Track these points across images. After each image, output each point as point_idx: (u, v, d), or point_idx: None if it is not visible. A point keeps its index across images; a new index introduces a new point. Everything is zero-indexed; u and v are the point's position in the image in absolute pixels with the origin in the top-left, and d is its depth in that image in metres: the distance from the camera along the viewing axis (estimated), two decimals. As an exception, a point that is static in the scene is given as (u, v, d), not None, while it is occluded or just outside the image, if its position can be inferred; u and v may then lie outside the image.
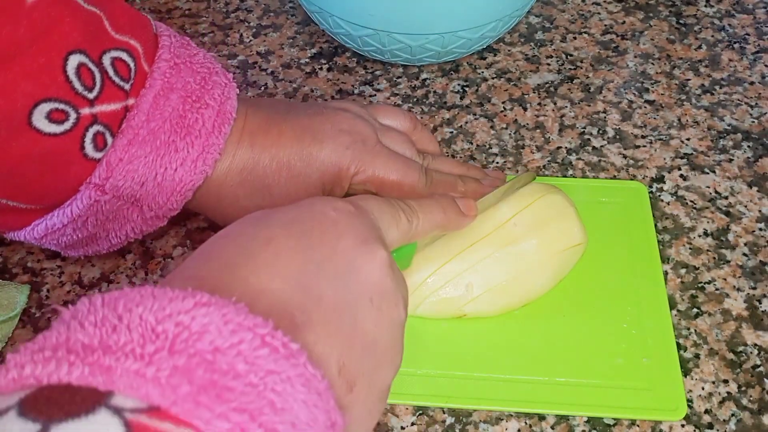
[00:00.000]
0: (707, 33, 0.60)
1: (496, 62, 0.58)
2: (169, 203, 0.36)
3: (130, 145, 0.34)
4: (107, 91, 0.33)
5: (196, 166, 0.36)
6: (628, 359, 0.41)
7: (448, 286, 0.41)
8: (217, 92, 0.37)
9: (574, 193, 0.48)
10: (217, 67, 0.38)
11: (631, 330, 0.42)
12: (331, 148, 0.39)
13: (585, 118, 0.54)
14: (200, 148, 0.36)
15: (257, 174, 0.38)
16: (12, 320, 0.43)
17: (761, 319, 0.43)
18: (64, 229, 0.36)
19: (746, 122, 0.54)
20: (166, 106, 0.35)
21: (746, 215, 0.48)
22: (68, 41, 0.31)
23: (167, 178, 0.35)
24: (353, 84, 0.56)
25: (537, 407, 0.39)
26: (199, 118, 0.36)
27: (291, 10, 0.62)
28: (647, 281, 0.44)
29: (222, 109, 0.36)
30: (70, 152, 0.32)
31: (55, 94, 0.31)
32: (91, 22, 0.32)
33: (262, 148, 0.38)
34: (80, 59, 0.31)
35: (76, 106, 0.31)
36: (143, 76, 0.35)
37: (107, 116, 0.33)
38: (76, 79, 0.31)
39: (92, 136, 0.33)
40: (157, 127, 0.34)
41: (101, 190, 0.34)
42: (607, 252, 0.44)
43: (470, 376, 0.40)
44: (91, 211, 0.35)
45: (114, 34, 0.34)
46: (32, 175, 0.32)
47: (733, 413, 0.40)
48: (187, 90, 0.36)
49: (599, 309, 0.43)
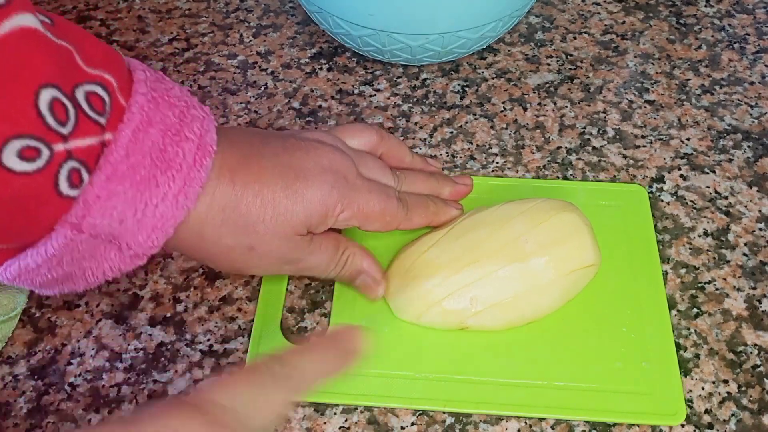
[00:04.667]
0: (707, 33, 0.60)
1: (496, 62, 0.58)
2: (149, 241, 0.35)
3: (109, 181, 0.33)
4: (82, 125, 0.31)
5: (177, 201, 0.35)
6: (627, 363, 0.41)
7: (452, 298, 0.41)
8: (196, 125, 0.36)
9: (574, 196, 0.48)
10: (194, 100, 0.37)
11: (630, 334, 0.42)
12: (317, 187, 0.38)
13: (585, 118, 0.54)
14: (181, 182, 0.35)
15: (241, 212, 0.37)
16: (12, 320, 0.43)
17: (761, 319, 0.43)
18: (38, 269, 0.34)
19: (746, 122, 0.54)
20: (145, 140, 0.34)
21: (746, 215, 0.48)
22: (39, 75, 0.30)
23: (148, 215, 0.34)
24: (353, 84, 0.56)
25: (536, 411, 0.39)
26: (179, 151, 0.35)
27: (291, 10, 0.62)
28: (647, 285, 0.44)
29: (202, 142, 0.36)
30: (43, 190, 0.31)
31: (27, 130, 0.29)
32: (62, 56, 0.31)
33: (243, 185, 0.37)
34: (53, 93, 0.30)
35: (49, 143, 0.30)
36: (120, 110, 0.34)
37: (82, 152, 0.32)
38: (49, 114, 0.30)
39: (67, 173, 0.31)
40: (137, 162, 0.33)
41: (77, 229, 0.33)
42: (607, 255, 0.44)
43: (469, 380, 0.40)
44: (66, 249, 0.34)
45: (86, 68, 0.32)
46: (4, 215, 0.31)
47: (733, 413, 0.40)
48: (166, 123, 0.35)
49: (599, 313, 0.43)
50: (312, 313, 0.44)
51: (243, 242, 0.38)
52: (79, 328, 0.43)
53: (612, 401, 0.39)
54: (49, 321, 0.44)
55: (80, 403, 0.41)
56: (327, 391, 0.40)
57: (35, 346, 0.43)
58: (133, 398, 0.41)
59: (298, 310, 0.44)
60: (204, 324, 0.44)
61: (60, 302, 0.44)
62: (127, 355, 0.42)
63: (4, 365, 0.42)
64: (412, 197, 0.43)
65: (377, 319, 0.43)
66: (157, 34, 0.60)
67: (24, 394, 0.41)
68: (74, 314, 0.44)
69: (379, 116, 0.54)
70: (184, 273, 0.46)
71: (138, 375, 0.42)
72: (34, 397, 0.41)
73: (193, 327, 0.43)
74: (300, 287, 0.45)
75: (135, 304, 0.44)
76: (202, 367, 0.42)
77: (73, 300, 0.45)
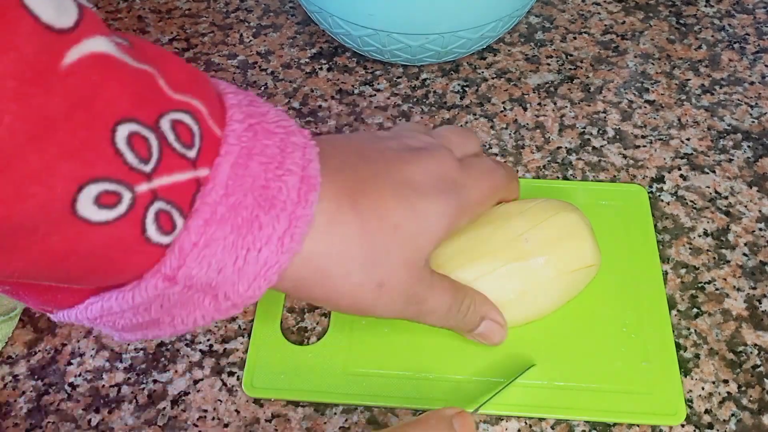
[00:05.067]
0: (707, 33, 0.60)
1: (496, 62, 0.58)
2: (251, 290, 0.30)
3: (208, 226, 0.28)
4: (167, 160, 0.27)
5: (282, 244, 0.30)
6: (627, 363, 0.41)
7: None
8: (297, 155, 0.31)
9: (574, 196, 0.48)
10: (292, 124, 0.32)
11: (630, 334, 0.42)
12: (436, 201, 0.35)
13: (585, 118, 0.54)
14: (287, 222, 0.30)
15: (368, 242, 0.33)
16: (12, 320, 0.43)
17: (761, 319, 0.43)
18: (123, 314, 0.30)
19: (746, 122, 0.54)
20: (246, 176, 0.29)
21: (746, 215, 0.48)
22: (115, 109, 0.25)
23: (250, 262, 0.29)
24: (353, 84, 0.56)
25: (536, 411, 0.39)
26: (282, 186, 0.30)
27: (291, 10, 0.62)
28: (647, 285, 0.44)
29: (305, 174, 0.31)
30: (129, 239, 0.27)
31: (103, 173, 0.25)
32: (142, 82, 0.27)
33: (368, 212, 0.33)
34: (131, 128, 0.26)
35: (130, 184, 0.26)
36: (214, 142, 0.29)
37: (170, 191, 0.27)
38: (128, 151, 0.25)
39: (154, 217, 0.27)
40: (238, 202, 0.29)
41: (171, 281, 0.29)
42: (607, 255, 0.44)
43: (469, 379, 0.40)
44: (157, 300, 0.30)
45: (171, 93, 0.28)
46: (84, 269, 0.27)
47: (733, 413, 0.40)
48: (267, 155, 0.30)
49: (599, 312, 0.43)
50: (312, 313, 0.44)
51: (372, 278, 0.34)
52: (79, 328, 0.43)
53: (612, 401, 0.39)
54: (49, 321, 0.44)
55: (80, 403, 0.41)
56: (327, 391, 0.40)
57: (35, 346, 0.43)
58: (133, 398, 0.41)
59: (298, 310, 0.44)
60: (204, 324, 0.44)
61: (60, 302, 0.44)
62: (127, 355, 0.42)
63: (4, 365, 0.42)
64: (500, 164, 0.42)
65: (377, 319, 0.43)
66: (157, 34, 0.60)
67: (24, 394, 0.41)
68: (74, 314, 0.44)
69: (379, 116, 0.54)
70: (184, 273, 0.46)
71: (138, 375, 0.42)
72: (34, 397, 0.41)
73: (193, 327, 0.43)
74: (300, 287, 0.45)
75: (135, 304, 0.44)
76: (202, 367, 0.42)
77: (73, 300, 0.45)
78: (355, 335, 0.42)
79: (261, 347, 0.42)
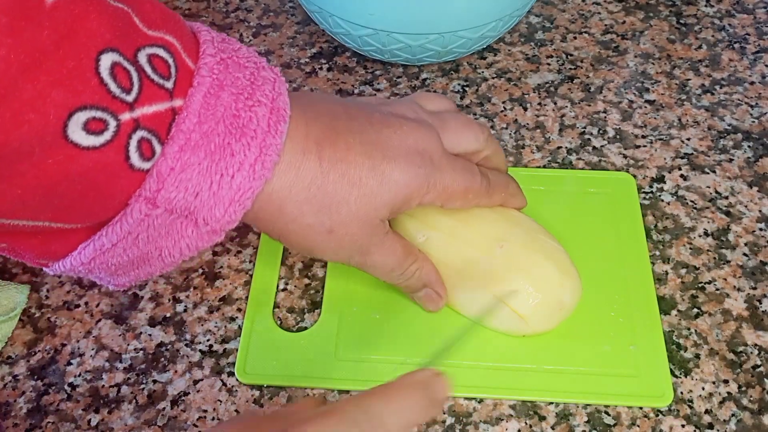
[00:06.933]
0: (707, 33, 0.60)
1: (497, 62, 0.58)
2: (227, 215, 0.33)
3: (182, 152, 0.31)
4: (147, 91, 0.30)
5: (254, 171, 0.32)
6: (615, 346, 0.41)
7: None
8: (267, 88, 0.34)
9: (563, 184, 0.49)
10: (262, 61, 0.35)
11: (618, 318, 0.43)
12: (404, 169, 0.37)
13: (585, 118, 0.54)
14: (257, 150, 0.32)
15: (327, 191, 0.35)
16: (12, 320, 0.43)
17: (761, 319, 0.43)
18: (114, 249, 0.33)
19: (746, 122, 0.54)
20: (218, 105, 0.32)
21: (746, 215, 0.48)
22: (98, 40, 0.28)
23: (224, 187, 0.32)
24: (353, 84, 0.56)
25: (525, 394, 0.40)
26: (253, 116, 0.33)
27: (291, 10, 0.62)
28: (634, 270, 0.45)
29: (275, 106, 0.34)
30: (114, 165, 0.29)
31: (90, 101, 0.28)
32: (119, 18, 0.29)
33: (330, 163, 0.35)
34: (113, 58, 0.28)
35: (115, 112, 0.28)
36: (188, 74, 0.32)
37: (150, 120, 0.30)
38: (112, 81, 0.28)
39: (137, 144, 0.30)
40: (210, 130, 0.31)
41: (152, 204, 0.31)
42: (595, 241, 0.45)
43: (459, 364, 0.41)
44: (142, 226, 0.32)
45: (146, 30, 0.30)
46: (74, 194, 0.30)
47: (734, 413, 0.40)
48: (237, 87, 0.33)
49: (587, 297, 0.43)
50: (312, 313, 0.44)
51: (324, 223, 0.36)
52: (79, 329, 0.43)
53: (600, 384, 0.40)
54: (49, 321, 0.44)
55: (80, 403, 0.41)
56: (319, 377, 0.41)
57: (35, 346, 0.43)
58: (133, 398, 0.41)
59: (298, 310, 0.44)
60: (204, 324, 0.44)
61: (60, 302, 0.44)
62: (126, 355, 0.42)
63: (4, 365, 0.42)
64: (493, 174, 0.42)
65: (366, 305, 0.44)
66: (157, 33, 0.60)
67: (24, 394, 0.41)
68: (74, 314, 0.44)
69: (379, 116, 0.54)
70: (184, 273, 0.46)
71: (138, 375, 0.42)
72: (34, 397, 0.41)
73: (193, 327, 0.43)
74: (300, 287, 0.45)
75: (135, 304, 0.44)
76: (201, 368, 0.42)
77: (72, 300, 0.45)
78: (346, 322, 0.43)
79: (253, 334, 0.42)
